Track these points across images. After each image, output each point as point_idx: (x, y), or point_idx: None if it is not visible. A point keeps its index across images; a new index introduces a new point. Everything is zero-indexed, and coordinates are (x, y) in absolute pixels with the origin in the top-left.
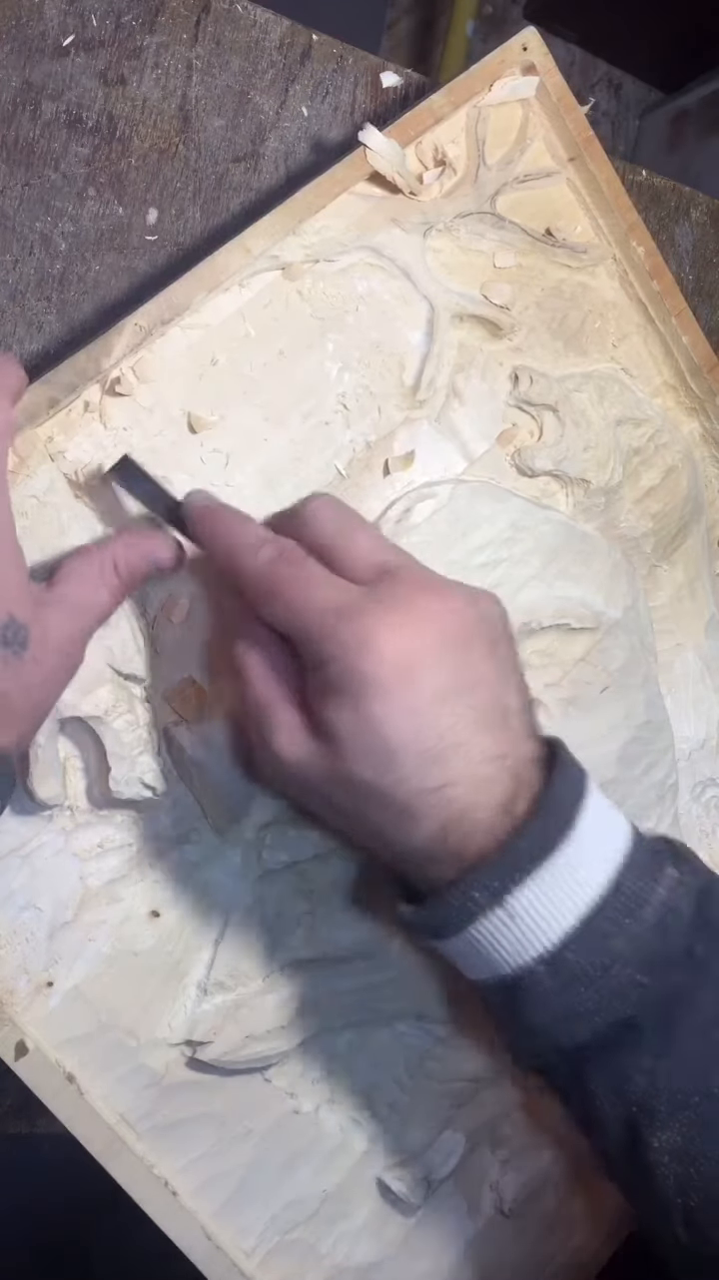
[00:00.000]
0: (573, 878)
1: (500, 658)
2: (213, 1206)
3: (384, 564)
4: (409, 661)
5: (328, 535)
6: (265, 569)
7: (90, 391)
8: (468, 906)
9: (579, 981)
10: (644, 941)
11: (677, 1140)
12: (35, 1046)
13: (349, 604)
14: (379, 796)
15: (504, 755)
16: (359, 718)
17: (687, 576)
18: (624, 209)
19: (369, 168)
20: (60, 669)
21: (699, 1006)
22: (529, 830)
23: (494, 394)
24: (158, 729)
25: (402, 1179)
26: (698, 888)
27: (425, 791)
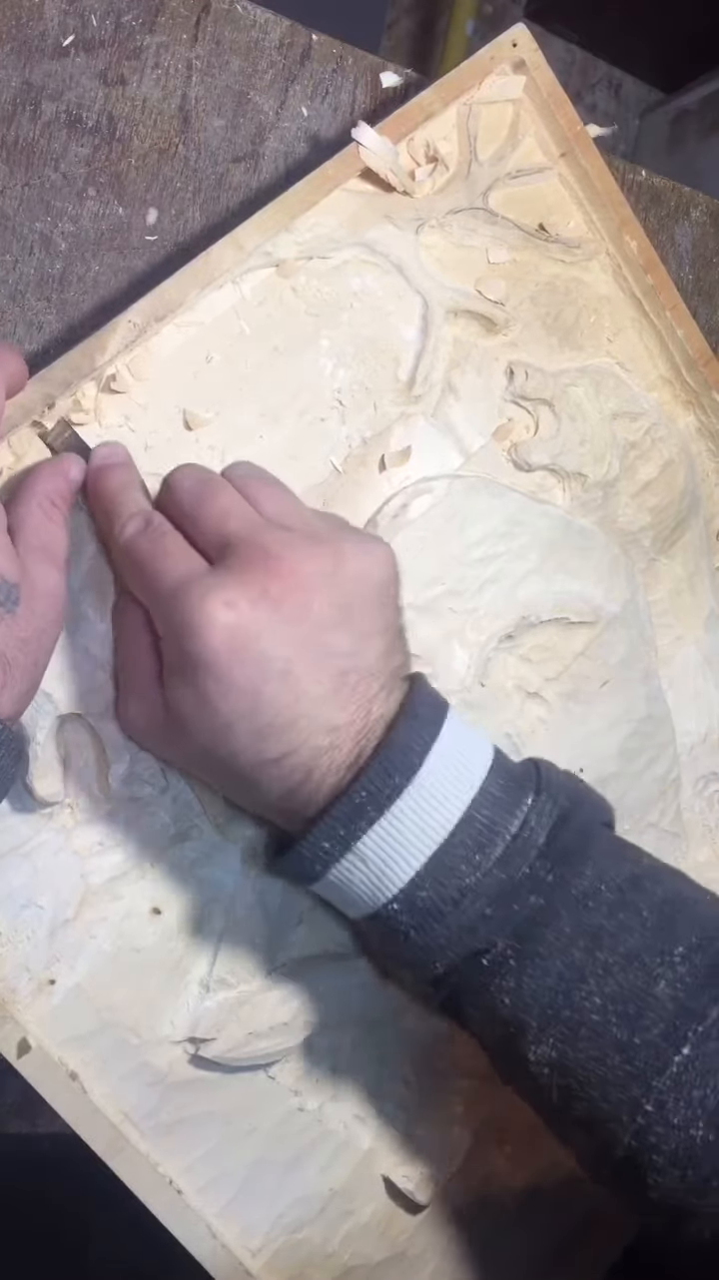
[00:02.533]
0: (419, 819)
1: (357, 622)
2: (218, 1205)
3: (230, 534)
4: (239, 640)
5: (184, 505)
6: (130, 541)
7: (86, 389)
8: (318, 854)
9: (431, 918)
10: (491, 874)
11: (551, 1054)
12: (37, 1045)
13: (186, 580)
14: (221, 766)
15: (350, 722)
16: (194, 695)
17: (686, 570)
18: (617, 204)
19: (361, 164)
20: (53, 615)
21: (556, 927)
22: (368, 779)
23: (490, 389)
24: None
25: (408, 1176)
26: (556, 814)
27: (264, 763)
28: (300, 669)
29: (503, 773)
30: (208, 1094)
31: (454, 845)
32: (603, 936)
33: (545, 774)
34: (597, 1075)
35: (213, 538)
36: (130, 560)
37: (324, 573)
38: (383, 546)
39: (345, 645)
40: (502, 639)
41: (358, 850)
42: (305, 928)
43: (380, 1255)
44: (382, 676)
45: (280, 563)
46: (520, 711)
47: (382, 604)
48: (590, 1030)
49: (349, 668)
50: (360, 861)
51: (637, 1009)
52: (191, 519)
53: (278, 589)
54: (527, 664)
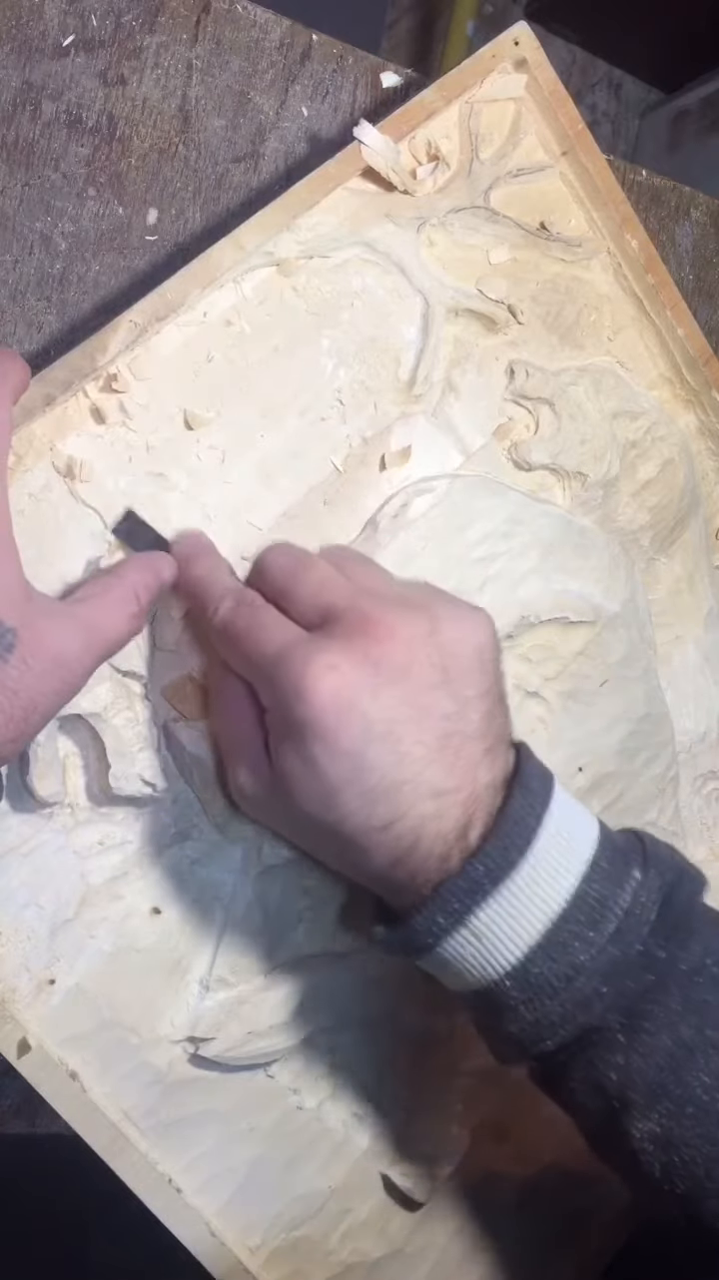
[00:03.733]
0: (534, 893)
1: (459, 686)
2: (217, 1203)
3: (328, 605)
4: (343, 702)
5: (279, 582)
6: (225, 618)
7: (86, 389)
8: (432, 929)
9: (544, 994)
10: (605, 951)
11: (656, 1130)
12: (38, 1044)
13: (289, 649)
14: (328, 833)
15: (457, 788)
16: (301, 759)
17: (685, 569)
18: (618, 202)
19: (362, 163)
20: (52, 680)
21: (665, 1003)
22: (486, 853)
23: (490, 388)
24: (157, 726)
25: (407, 1174)
26: (663, 889)
27: (371, 830)
28: (404, 730)
29: (609, 845)
30: (207, 1093)
31: (568, 921)
32: (711, 1013)
33: (650, 846)
34: (702, 1153)
35: (310, 609)
36: (229, 635)
37: (422, 636)
38: (480, 612)
39: (447, 707)
40: (501, 638)
41: (472, 925)
42: (305, 927)
43: (379, 1252)
44: (485, 740)
45: (379, 626)
46: (520, 711)
47: (481, 667)
48: (697, 1108)
49: (452, 730)
50: (474, 936)
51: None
52: (287, 593)
53: (378, 652)
54: (526, 663)
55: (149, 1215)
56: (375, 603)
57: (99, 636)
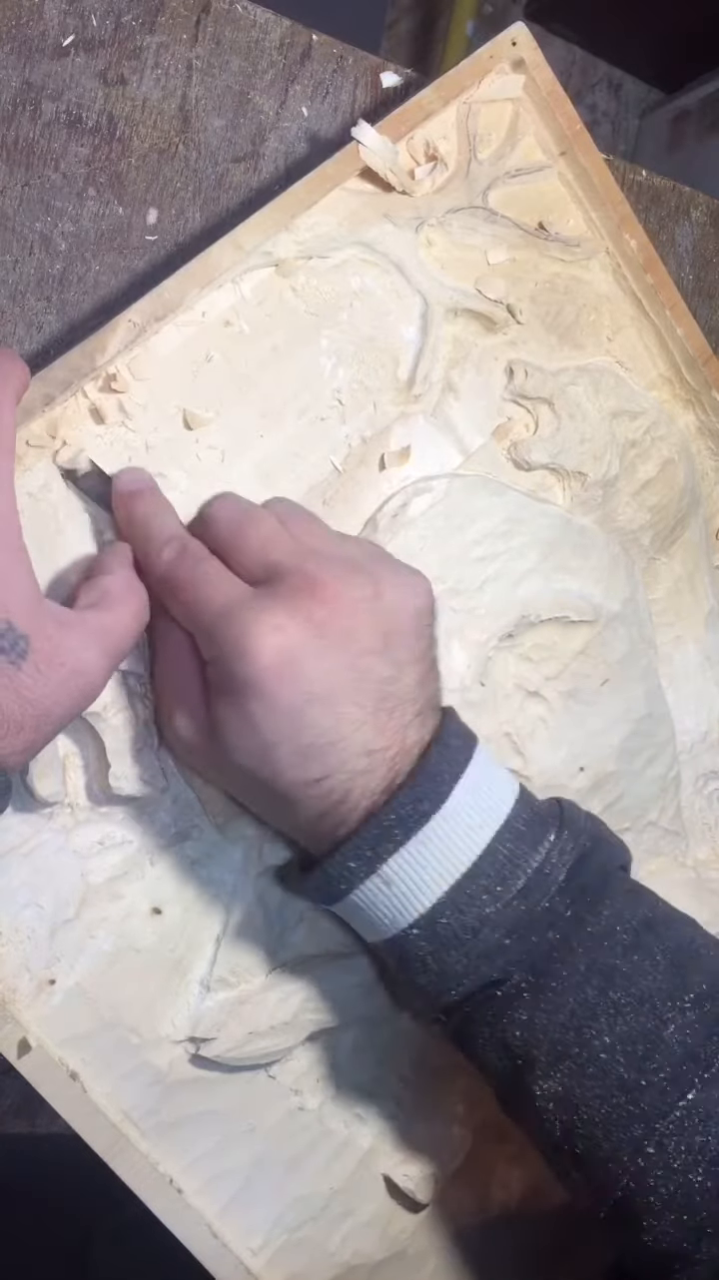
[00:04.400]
0: (445, 846)
1: (396, 650)
2: (218, 1204)
3: (274, 563)
4: (285, 663)
5: (224, 535)
6: (166, 567)
7: (86, 389)
8: (343, 874)
9: (450, 945)
10: (511, 906)
11: (558, 1089)
12: (38, 1044)
13: (233, 604)
14: (260, 785)
15: (386, 747)
16: (239, 715)
17: (685, 569)
18: (616, 202)
19: (361, 163)
20: (70, 688)
21: (571, 964)
22: (399, 803)
23: (489, 388)
24: (157, 725)
25: (408, 1175)
26: (576, 852)
27: (303, 784)
28: (342, 693)
29: (527, 808)
30: (208, 1093)
31: (477, 875)
32: (616, 977)
33: (568, 812)
34: (600, 1114)
35: (255, 566)
36: (171, 585)
37: (366, 599)
38: (420, 577)
39: (385, 671)
40: (502, 638)
41: (383, 872)
42: (305, 927)
43: (381, 1254)
44: (417, 703)
45: (325, 589)
46: (520, 710)
47: (419, 633)
48: (598, 1068)
49: (388, 693)
50: (384, 884)
51: (645, 1051)
52: (232, 547)
53: (323, 614)
54: (526, 663)
55: (149, 1216)
56: (321, 563)
57: (114, 640)
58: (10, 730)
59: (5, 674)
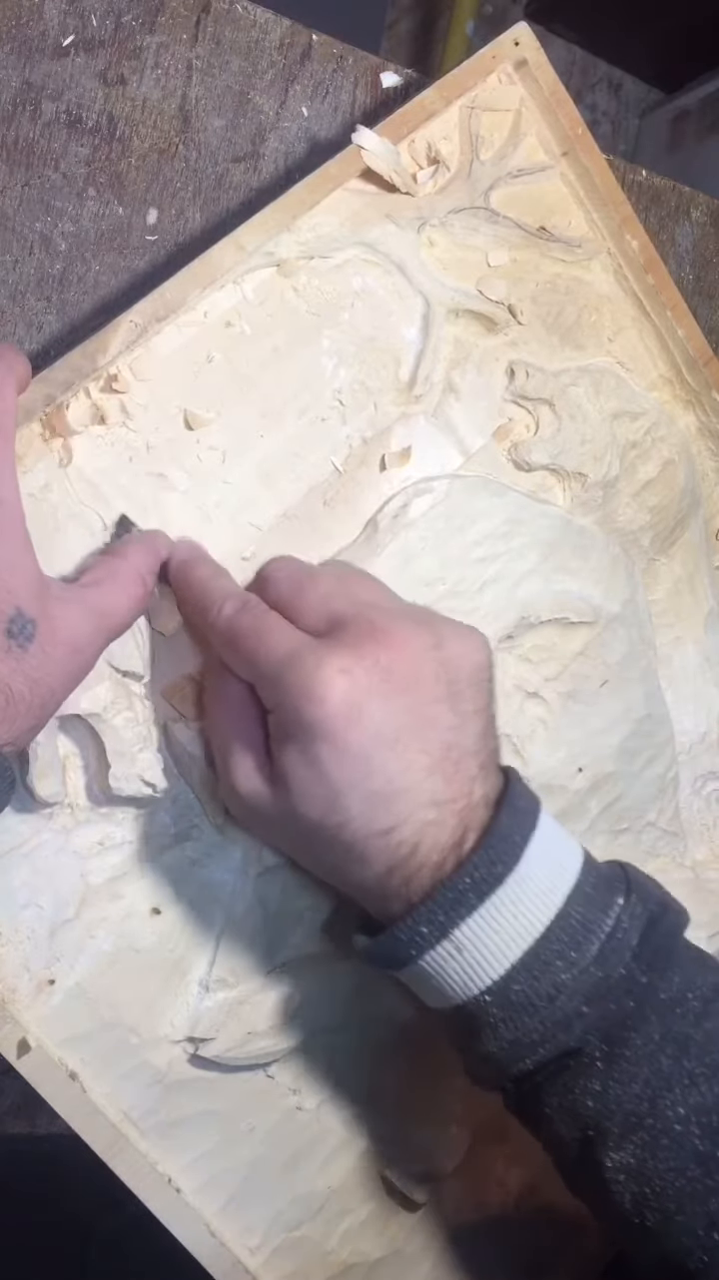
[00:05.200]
0: (518, 911)
1: (459, 699)
2: (217, 1204)
3: (336, 613)
4: (354, 706)
5: (285, 592)
6: (228, 621)
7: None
8: (415, 940)
9: (524, 1012)
10: (588, 972)
11: (630, 1160)
12: (37, 1044)
13: (298, 651)
14: (327, 837)
15: (453, 799)
16: (306, 761)
17: (685, 570)
18: (618, 203)
19: (363, 163)
20: (69, 666)
21: (645, 1032)
22: (473, 866)
23: (490, 389)
24: (157, 726)
25: (406, 1175)
26: (646, 917)
27: (372, 835)
28: (409, 738)
29: (594, 870)
30: (207, 1093)
31: (551, 940)
32: (690, 1046)
33: (633, 875)
34: (674, 1187)
35: (316, 617)
36: (233, 638)
37: (428, 648)
38: (479, 633)
39: (450, 720)
40: (501, 639)
41: (454, 938)
42: (305, 928)
43: (378, 1253)
44: (481, 756)
45: (390, 635)
46: (520, 711)
47: (480, 685)
48: (672, 1140)
49: (453, 742)
50: (456, 950)
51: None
52: (292, 602)
53: (388, 660)
54: (526, 664)
55: (149, 1215)
56: (382, 614)
57: (108, 621)
58: (21, 711)
59: (14, 657)
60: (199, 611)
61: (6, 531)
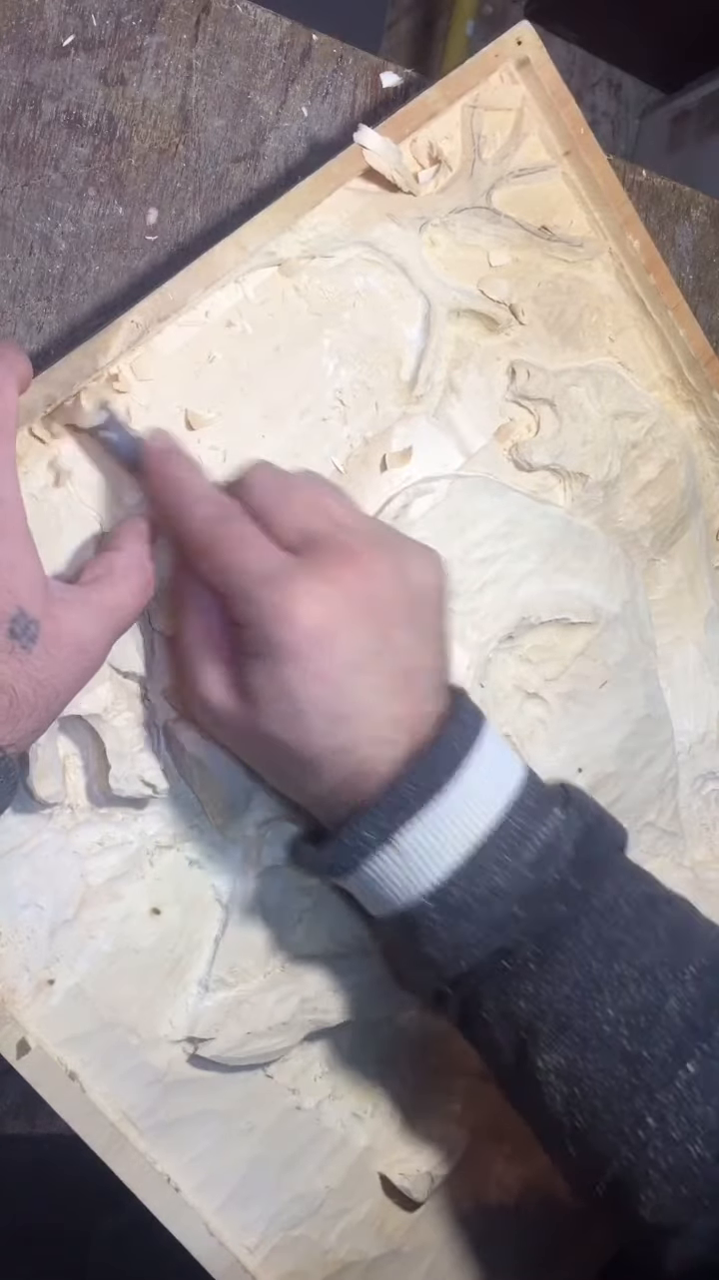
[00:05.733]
0: (458, 818)
1: (420, 623)
2: (215, 1203)
3: (312, 531)
4: (323, 630)
5: (263, 500)
6: (202, 525)
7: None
8: (358, 845)
9: (462, 915)
10: (523, 877)
11: (561, 1061)
12: (37, 1045)
13: (272, 571)
14: (287, 750)
15: (407, 716)
16: (272, 680)
17: (685, 570)
18: (619, 203)
19: (364, 163)
20: (74, 666)
21: (578, 936)
22: (416, 774)
23: (491, 389)
24: (157, 726)
25: (405, 1174)
26: (582, 827)
27: (329, 750)
28: (373, 662)
29: (534, 785)
30: (206, 1093)
31: (489, 846)
32: (620, 950)
33: (573, 792)
34: (602, 1085)
35: (292, 532)
36: (206, 544)
37: (394, 573)
38: (436, 554)
39: (410, 642)
40: (501, 640)
41: (396, 843)
42: (304, 928)
43: (376, 1252)
44: (434, 676)
45: (360, 561)
46: (520, 712)
47: (438, 607)
48: (601, 1040)
49: (412, 665)
50: (398, 854)
51: (647, 1023)
52: (270, 513)
53: (359, 585)
54: (526, 664)
55: (148, 1215)
56: (353, 536)
57: (114, 617)
58: (25, 712)
59: (18, 659)
60: (173, 510)
61: (8, 531)
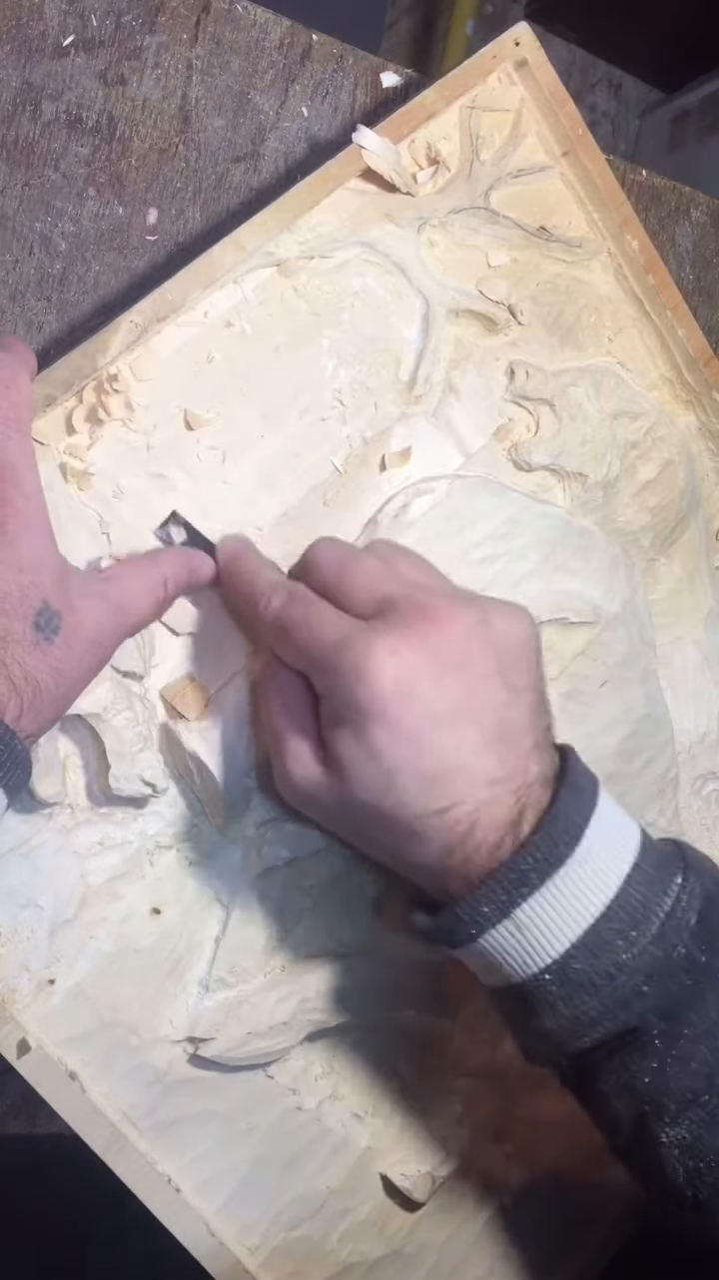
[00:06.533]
0: (579, 890)
1: (510, 676)
2: (216, 1203)
3: (384, 595)
4: (405, 686)
5: (330, 576)
6: (277, 612)
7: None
8: (476, 919)
9: (584, 991)
10: (648, 951)
11: (685, 1136)
12: (37, 1045)
13: (348, 635)
14: (383, 819)
15: (509, 777)
16: (359, 743)
17: (685, 570)
18: (618, 203)
19: (363, 163)
20: (90, 658)
21: (703, 1011)
22: (534, 846)
23: (490, 389)
24: (157, 726)
25: (405, 1174)
26: (703, 895)
27: (428, 814)
28: (462, 716)
29: (652, 850)
30: (207, 1093)
31: (611, 919)
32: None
33: (690, 855)
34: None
35: (364, 601)
36: (284, 628)
37: (476, 625)
38: (524, 610)
39: (501, 696)
40: None
41: (516, 917)
42: (305, 927)
43: (378, 1252)
44: (534, 733)
45: (438, 615)
46: None
47: (529, 660)
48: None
49: (505, 719)
50: (517, 929)
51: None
52: (339, 586)
53: (438, 639)
54: None
55: (148, 1215)
56: (430, 594)
57: (126, 618)
58: (46, 703)
59: (41, 650)
60: (248, 604)
61: (33, 524)
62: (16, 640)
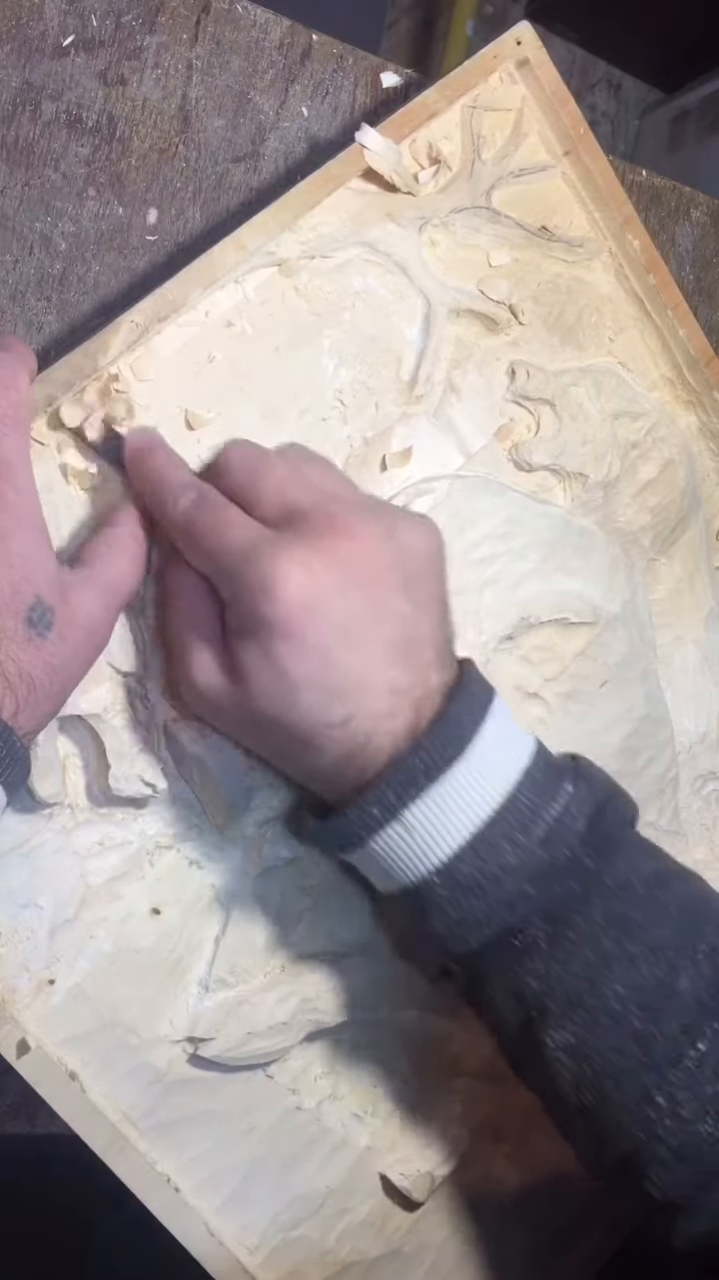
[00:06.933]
0: (467, 794)
1: (415, 589)
2: (216, 1203)
3: (292, 503)
4: (310, 600)
5: (240, 480)
6: (184, 514)
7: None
8: (365, 821)
9: (470, 892)
10: (534, 854)
11: (570, 1039)
12: (37, 1045)
13: (255, 545)
14: (283, 729)
15: (410, 688)
16: (263, 656)
17: (685, 570)
18: (619, 202)
19: (364, 163)
20: (85, 649)
21: (589, 913)
22: (423, 749)
23: (491, 389)
24: (157, 726)
25: (405, 1174)
26: (593, 803)
27: (328, 725)
28: (367, 631)
29: (543, 759)
30: (206, 1093)
31: (499, 822)
32: (632, 927)
33: (583, 765)
34: (612, 1064)
35: (273, 509)
36: (190, 531)
37: (383, 539)
38: (430, 521)
39: (406, 610)
40: (501, 640)
41: (404, 819)
42: (305, 927)
43: (377, 1252)
44: (436, 645)
45: (347, 528)
46: (520, 712)
47: (434, 574)
48: (611, 1019)
49: (410, 633)
50: (406, 831)
51: (658, 1001)
52: (249, 492)
53: (345, 553)
54: (526, 664)
55: (148, 1215)
56: (339, 505)
57: (117, 595)
58: (42, 699)
59: (35, 646)
60: (155, 503)
61: (25, 521)
62: (10, 637)
